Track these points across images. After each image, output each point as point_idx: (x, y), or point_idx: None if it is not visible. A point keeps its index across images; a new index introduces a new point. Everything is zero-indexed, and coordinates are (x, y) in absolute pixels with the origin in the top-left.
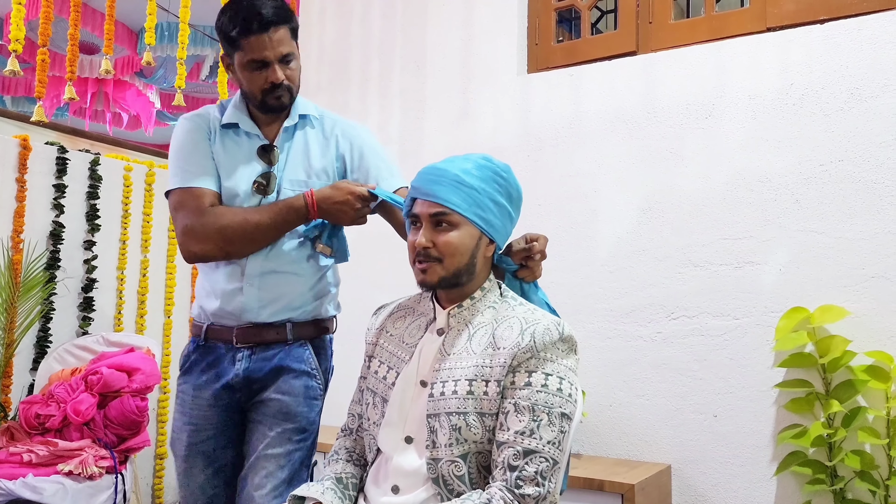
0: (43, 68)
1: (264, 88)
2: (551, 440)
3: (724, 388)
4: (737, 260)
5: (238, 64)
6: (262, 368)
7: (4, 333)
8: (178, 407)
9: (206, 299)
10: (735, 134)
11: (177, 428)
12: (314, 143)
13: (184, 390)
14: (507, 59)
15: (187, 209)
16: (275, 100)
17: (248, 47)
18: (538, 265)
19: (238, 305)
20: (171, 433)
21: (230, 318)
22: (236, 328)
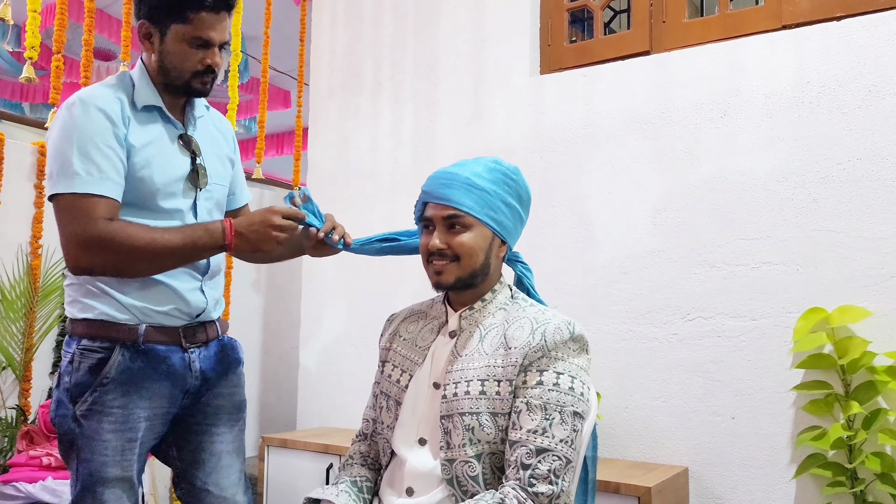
0: (57, 75)
1: (196, 70)
2: (564, 438)
3: (741, 389)
4: (753, 260)
5: (174, 36)
6: (212, 367)
7: (24, 338)
8: (113, 426)
9: (144, 297)
10: (751, 133)
11: (114, 449)
12: (214, 137)
13: (123, 405)
14: (520, 60)
15: (80, 217)
16: (201, 84)
17: (198, 23)
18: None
19: (197, 305)
20: (103, 457)
21: (180, 317)
22: (182, 328)
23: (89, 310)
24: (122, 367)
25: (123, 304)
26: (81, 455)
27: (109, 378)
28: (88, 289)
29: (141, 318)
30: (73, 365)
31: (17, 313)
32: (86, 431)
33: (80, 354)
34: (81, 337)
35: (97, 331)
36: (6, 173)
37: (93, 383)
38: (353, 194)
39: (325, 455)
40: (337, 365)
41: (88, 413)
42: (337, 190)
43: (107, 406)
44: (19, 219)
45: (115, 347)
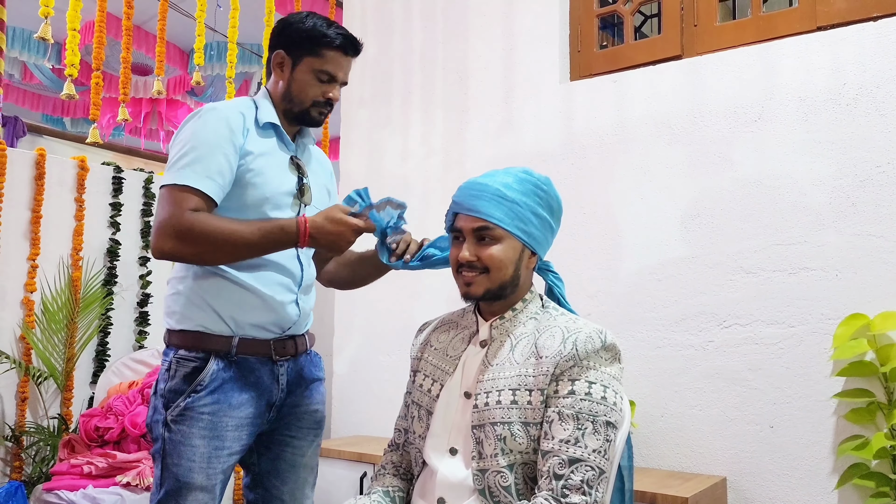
0: (97, 91)
1: (317, 100)
2: (597, 449)
3: (780, 397)
4: (791, 266)
5: (305, 67)
6: (298, 381)
7: (65, 348)
8: (202, 431)
9: (240, 309)
10: (786, 136)
11: (201, 456)
12: (317, 166)
13: (213, 412)
14: (550, 67)
15: (171, 206)
16: (318, 115)
17: (330, 59)
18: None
19: (289, 317)
20: (190, 462)
21: (272, 329)
22: (273, 340)
23: (187, 321)
24: (214, 376)
25: (221, 315)
26: (169, 460)
27: (203, 386)
28: (189, 299)
29: (235, 331)
30: (169, 373)
31: (58, 324)
32: (175, 436)
33: (176, 363)
34: (178, 347)
35: (193, 342)
36: (48, 187)
37: (186, 390)
38: None
39: (359, 464)
40: (370, 373)
41: (179, 418)
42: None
43: (197, 412)
44: (61, 232)
45: (210, 357)
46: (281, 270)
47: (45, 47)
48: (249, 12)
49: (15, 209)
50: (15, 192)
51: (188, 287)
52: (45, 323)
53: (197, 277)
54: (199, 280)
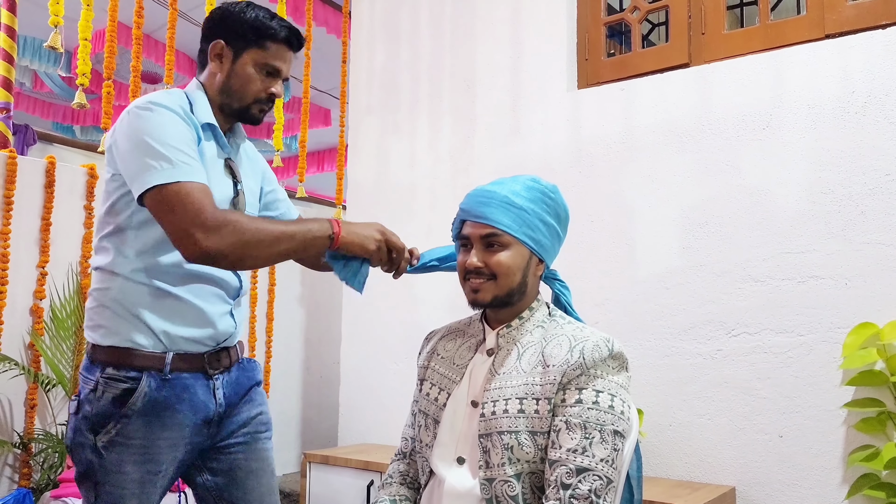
0: (108, 100)
1: (259, 96)
2: (604, 458)
3: (789, 407)
4: (800, 274)
5: (246, 60)
6: (235, 392)
7: (74, 355)
8: (134, 457)
9: (172, 323)
10: (794, 145)
11: (133, 482)
12: (249, 167)
13: (145, 435)
14: (557, 75)
15: (194, 202)
16: (259, 111)
17: (274, 51)
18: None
19: (225, 330)
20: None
21: (207, 343)
22: (207, 354)
23: (113, 336)
24: (147, 398)
25: (153, 329)
26: (100, 488)
27: (134, 410)
28: (116, 312)
29: (168, 346)
30: (95, 394)
31: (67, 332)
32: (106, 464)
33: (104, 383)
34: (105, 364)
35: (122, 359)
36: (58, 195)
37: (116, 414)
38: (393, 210)
39: (366, 472)
40: (378, 381)
41: (110, 445)
42: (376, 206)
43: (129, 438)
44: (70, 239)
45: (142, 377)
46: (216, 282)
47: (55, 56)
48: None
49: (25, 216)
50: (25, 200)
51: (114, 299)
52: (53, 330)
53: (124, 289)
54: (127, 292)
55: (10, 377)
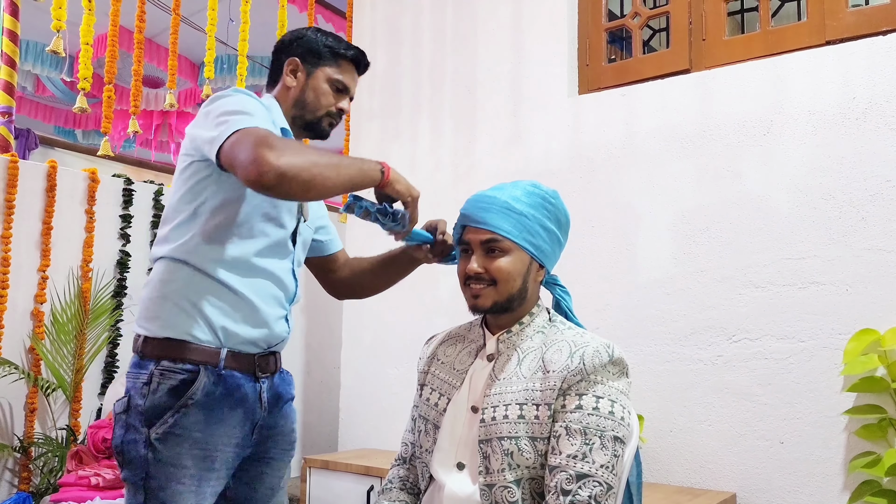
0: (109, 104)
1: (330, 111)
2: (604, 464)
3: (790, 413)
4: (801, 280)
5: (320, 76)
6: (275, 400)
7: (74, 359)
8: (192, 451)
9: (232, 320)
10: (795, 151)
11: (191, 478)
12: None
13: (203, 429)
14: (558, 80)
15: (261, 134)
16: (328, 125)
17: (346, 70)
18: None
19: (279, 334)
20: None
21: (260, 344)
22: (258, 356)
23: (170, 328)
24: (206, 391)
25: (213, 324)
26: (154, 483)
27: (193, 401)
28: (177, 305)
29: (223, 342)
30: (149, 386)
31: (67, 335)
32: (161, 457)
33: (159, 375)
34: (160, 358)
35: (178, 352)
36: (59, 199)
37: (173, 406)
38: None
39: (366, 477)
40: (378, 386)
41: (166, 437)
42: None
43: (187, 430)
44: (71, 243)
45: (200, 370)
46: (277, 283)
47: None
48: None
49: (26, 220)
50: (26, 204)
51: (177, 291)
52: (54, 334)
53: (189, 281)
54: (192, 284)
55: (11, 381)
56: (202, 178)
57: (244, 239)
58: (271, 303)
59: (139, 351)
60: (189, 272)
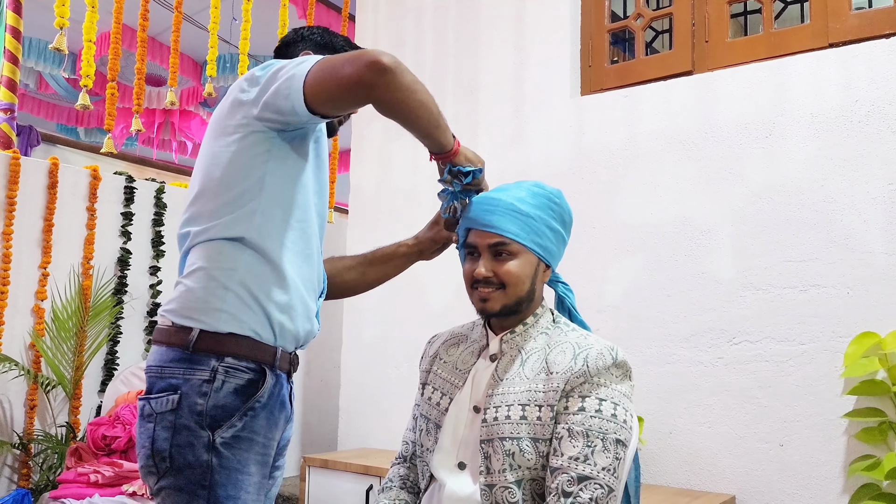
0: (112, 102)
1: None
2: (606, 466)
3: (790, 416)
4: (801, 283)
5: None
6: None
7: (75, 356)
8: (257, 457)
9: (287, 317)
10: (797, 153)
11: (255, 486)
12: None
13: (265, 433)
14: (560, 81)
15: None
16: (339, 123)
17: None
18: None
19: (314, 330)
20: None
21: (297, 340)
22: (291, 355)
23: (236, 323)
24: (270, 392)
25: (272, 320)
26: (220, 492)
27: (260, 403)
28: (240, 298)
29: (277, 340)
30: (212, 384)
31: (68, 332)
32: (229, 463)
33: (224, 373)
34: (223, 354)
35: (243, 349)
36: (60, 196)
37: (240, 407)
38: (396, 216)
39: (365, 476)
40: (377, 386)
41: (235, 441)
42: (379, 211)
43: (255, 434)
44: (72, 240)
45: (265, 370)
46: (317, 274)
47: (60, 58)
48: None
49: (27, 217)
50: (28, 201)
51: (239, 282)
52: (54, 331)
53: (250, 269)
54: (254, 273)
55: (11, 378)
56: (262, 152)
57: (301, 222)
58: (312, 297)
59: (191, 345)
60: (251, 258)
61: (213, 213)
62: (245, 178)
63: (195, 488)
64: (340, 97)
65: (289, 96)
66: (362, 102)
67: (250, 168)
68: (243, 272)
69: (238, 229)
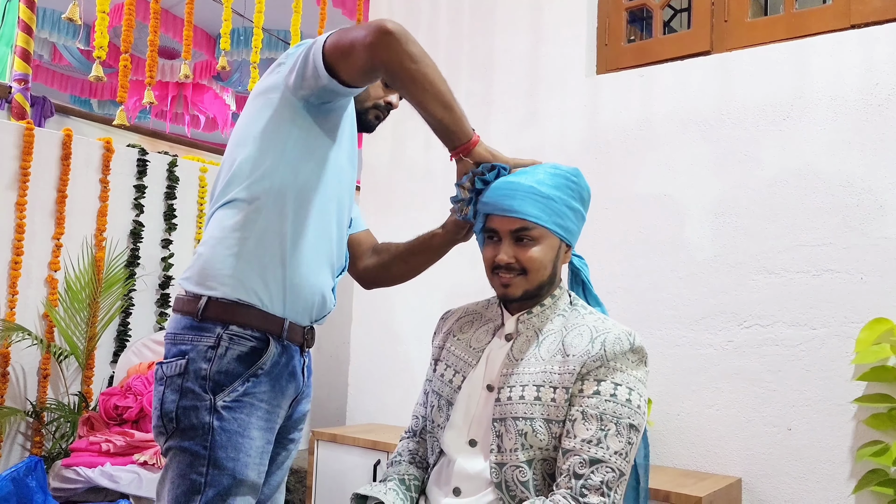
0: (125, 73)
1: (378, 102)
2: (618, 451)
3: (799, 400)
4: (815, 267)
5: None
6: (308, 377)
7: (87, 327)
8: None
9: (298, 287)
10: (815, 136)
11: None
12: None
13: (269, 400)
14: (576, 60)
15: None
16: (375, 118)
17: None
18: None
19: (328, 306)
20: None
21: (311, 314)
22: (305, 328)
23: (243, 291)
24: (274, 361)
25: (283, 290)
26: (220, 453)
27: (263, 370)
28: (250, 265)
29: (287, 312)
30: (216, 350)
31: (81, 304)
32: (230, 425)
33: (228, 340)
34: (228, 322)
35: (248, 318)
36: (74, 168)
37: (243, 373)
38: (408, 193)
39: (373, 451)
40: (386, 362)
41: (236, 405)
42: (391, 189)
43: (258, 399)
44: (85, 212)
45: (270, 339)
46: (337, 247)
47: (74, 28)
48: None
49: (41, 188)
50: (41, 172)
51: (250, 250)
52: (67, 302)
53: (262, 240)
54: (265, 244)
55: (25, 347)
56: (287, 120)
57: (321, 196)
58: (328, 270)
59: (199, 313)
60: (264, 225)
61: (235, 176)
62: (267, 145)
63: (197, 448)
64: (350, 59)
65: (313, 59)
66: (369, 66)
67: (274, 135)
68: (255, 241)
69: (253, 193)
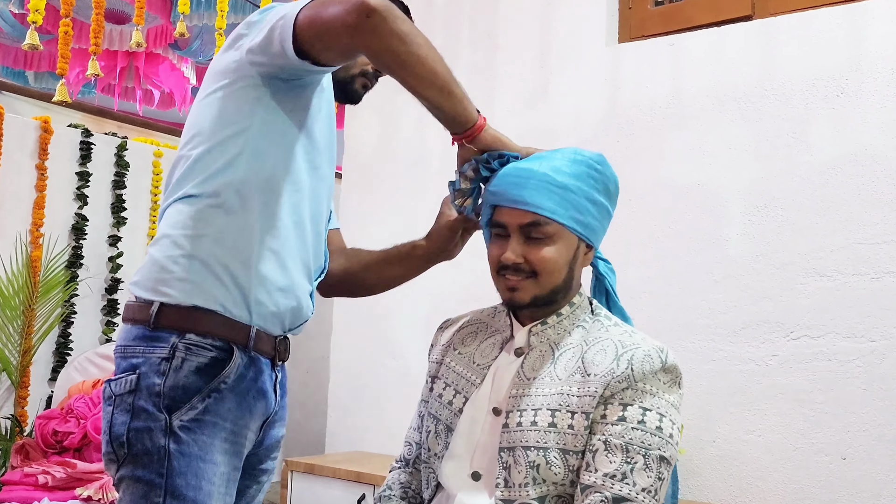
0: (66, 41)
1: (365, 69)
2: (646, 487)
3: (855, 424)
4: (873, 269)
5: None
6: (281, 394)
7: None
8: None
9: (265, 291)
10: (873, 115)
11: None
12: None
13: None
14: (595, 26)
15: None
16: (361, 87)
17: None
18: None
19: (305, 313)
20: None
21: (284, 322)
22: (277, 339)
23: (201, 295)
24: (240, 374)
25: (245, 295)
26: (179, 481)
27: (227, 384)
28: (207, 266)
29: (254, 318)
30: (170, 362)
31: (14, 311)
32: (189, 448)
33: (184, 350)
34: (184, 330)
35: (208, 325)
36: (5, 152)
37: (203, 388)
38: (398, 182)
39: (356, 484)
40: (373, 379)
41: (195, 425)
42: (379, 177)
43: (221, 418)
44: (19, 204)
45: (234, 349)
46: (313, 248)
47: None
48: None
49: None
50: None
51: (207, 250)
52: None
53: (221, 238)
54: (225, 242)
55: None
56: (250, 100)
57: (291, 186)
58: (302, 272)
59: (151, 321)
60: (224, 222)
61: (190, 169)
62: (226, 129)
63: (153, 477)
64: (327, 40)
65: (279, 37)
66: (349, 48)
67: (235, 119)
68: (213, 239)
69: (211, 187)
